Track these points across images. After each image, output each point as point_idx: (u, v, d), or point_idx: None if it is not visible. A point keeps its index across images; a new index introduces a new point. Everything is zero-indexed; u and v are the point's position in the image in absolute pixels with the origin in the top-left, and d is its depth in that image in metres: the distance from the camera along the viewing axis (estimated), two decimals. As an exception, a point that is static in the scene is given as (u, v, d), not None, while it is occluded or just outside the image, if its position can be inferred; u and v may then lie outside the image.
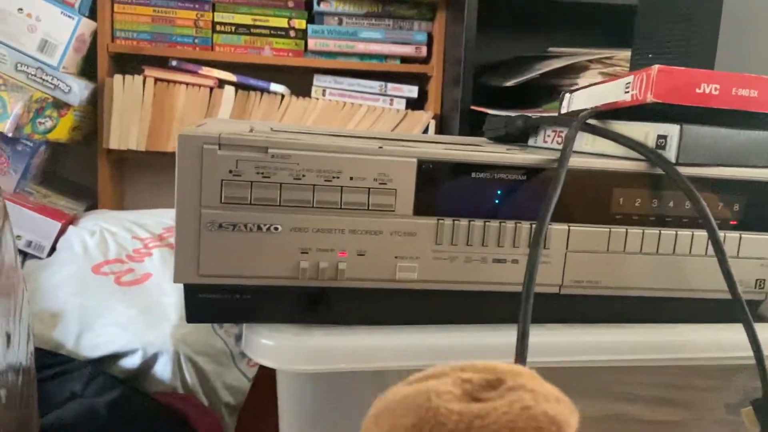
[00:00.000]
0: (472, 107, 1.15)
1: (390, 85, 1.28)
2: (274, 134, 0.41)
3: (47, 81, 0.90)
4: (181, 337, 0.80)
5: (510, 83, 1.15)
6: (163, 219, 0.98)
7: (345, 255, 0.39)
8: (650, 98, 0.41)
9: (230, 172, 0.37)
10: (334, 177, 0.38)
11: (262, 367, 0.90)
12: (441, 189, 0.39)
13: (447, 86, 1.27)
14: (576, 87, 0.52)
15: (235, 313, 0.40)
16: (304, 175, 0.38)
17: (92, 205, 1.09)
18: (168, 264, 0.88)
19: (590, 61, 1.12)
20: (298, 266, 0.39)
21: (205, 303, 0.40)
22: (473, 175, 0.39)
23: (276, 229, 0.38)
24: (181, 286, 0.92)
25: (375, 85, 1.28)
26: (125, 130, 1.03)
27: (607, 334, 0.42)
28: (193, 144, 0.37)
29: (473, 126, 1.15)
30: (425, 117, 1.29)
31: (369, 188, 0.39)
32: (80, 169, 1.15)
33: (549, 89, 1.18)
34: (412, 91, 1.29)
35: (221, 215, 0.38)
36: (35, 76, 0.89)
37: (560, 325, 0.42)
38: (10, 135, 0.87)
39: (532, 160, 0.39)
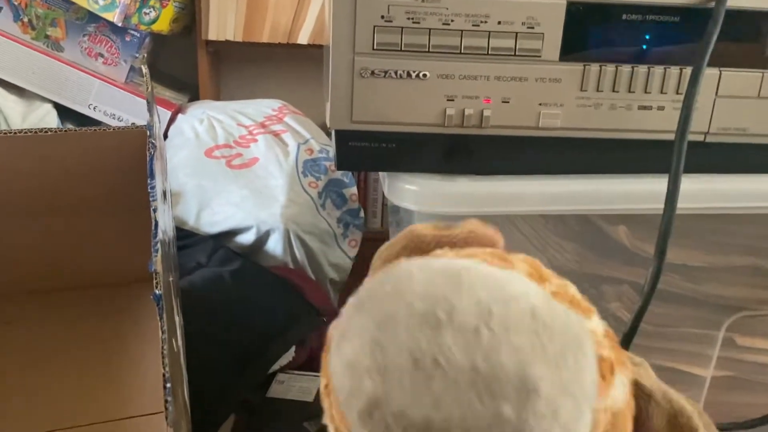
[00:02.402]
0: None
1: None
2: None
3: (147, -29, 0.92)
4: (290, 216, 0.84)
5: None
6: (262, 108, 1.01)
7: (489, 102, 0.40)
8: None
9: (382, 17, 0.38)
10: (482, 21, 0.38)
11: (360, 250, 0.95)
12: (589, 33, 0.39)
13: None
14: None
15: (382, 162, 0.42)
16: (452, 20, 0.38)
17: (193, 98, 1.13)
18: (273, 149, 0.91)
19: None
20: (444, 113, 0.40)
21: (355, 150, 0.42)
22: (624, 17, 0.39)
23: (424, 76, 0.39)
24: (285, 169, 0.95)
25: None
26: (222, 20, 1.05)
27: (750, 182, 0.42)
28: (347, -11, 0.37)
29: None
30: None
31: (516, 32, 0.39)
32: (178, 63, 1.19)
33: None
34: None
35: (373, 62, 0.39)
36: (136, -34, 0.91)
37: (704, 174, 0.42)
38: (120, 24, 0.90)
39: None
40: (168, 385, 0.35)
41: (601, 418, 0.23)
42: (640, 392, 0.27)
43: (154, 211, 0.44)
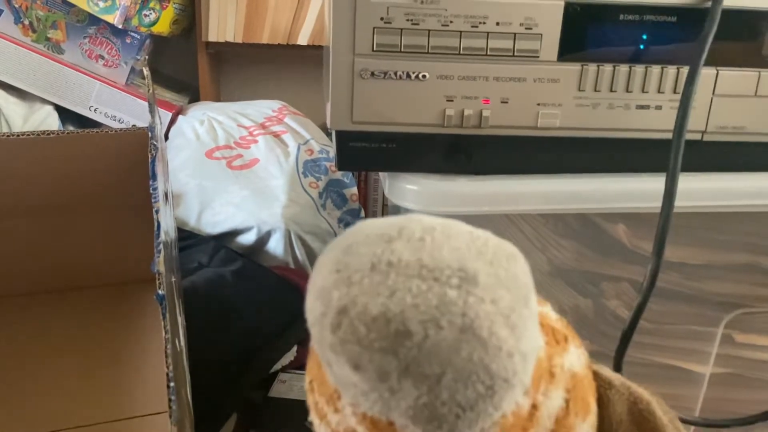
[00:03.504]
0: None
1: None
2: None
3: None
4: (291, 217, 0.85)
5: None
6: (262, 109, 1.01)
7: (488, 102, 0.40)
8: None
9: (381, 19, 0.38)
10: (480, 22, 0.39)
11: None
12: (587, 33, 0.39)
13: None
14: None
15: (382, 162, 0.43)
16: (451, 21, 0.39)
17: (194, 99, 1.13)
18: (273, 150, 0.91)
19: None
20: (444, 113, 0.40)
21: (355, 151, 0.42)
22: (621, 17, 0.39)
23: (424, 76, 0.40)
24: (286, 170, 0.95)
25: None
26: (222, 22, 1.05)
27: (748, 180, 0.42)
28: (346, -9, 0.38)
29: None
30: None
31: (515, 33, 0.39)
32: (178, 65, 1.19)
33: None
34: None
35: (373, 63, 0.39)
36: (136, -32, 0.91)
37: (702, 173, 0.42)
38: (120, 26, 0.90)
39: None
40: (171, 384, 0.35)
41: (559, 372, 0.26)
42: (600, 380, 0.29)
43: (157, 212, 0.44)
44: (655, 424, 0.29)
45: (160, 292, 0.39)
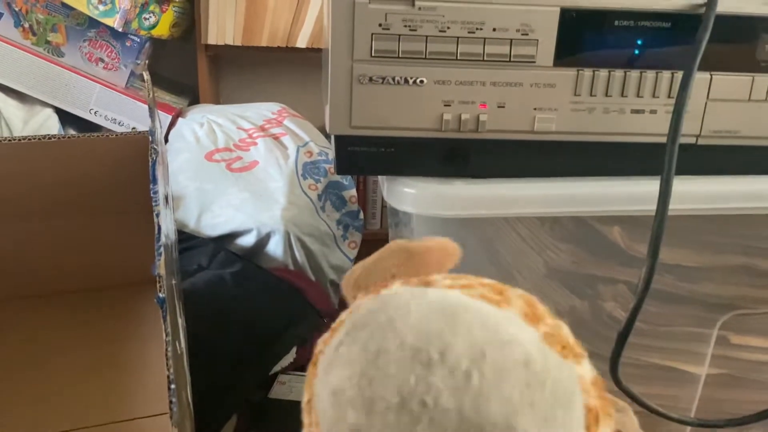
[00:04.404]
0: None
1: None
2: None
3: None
4: (290, 219, 0.85)
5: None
6: (262, 111, 1.01)
7: (485, 107, 0.41)
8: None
9: (380, 25, 0.39)
10: (477, 28, 0.39)
11: (360, 252, 0.95)
12: (582, 39, 0.40)
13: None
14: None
15: (381, 166, 0.43)
16: (448, 27, 0.39)
17: (193, 101, 1.14)
18: (272, 152, 0.92)
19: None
20: (441, 118, 0.41)
21: (354, 155, 0.42)
22: (616, 23, 0.39)
23: (421, 82, 0.40)
24: (285, 172, 0.96)
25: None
26: (221, 25, 1.06)
27: (742, 183, 0.43)
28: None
29: None
30: None
31: (511, 39, 0.40)
32: (178, 67, 1.20)
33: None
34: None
35: (371, 69, 0.40)
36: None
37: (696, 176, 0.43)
38: (120, 29, 0.91)
39: (680, 5, 0.39)
40: (172, 386, 0.36)
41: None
42: None
43: (157, 215, 0.45)
44: None
45: (160, 295, 0.40)
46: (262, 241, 0.84)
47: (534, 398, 0.20)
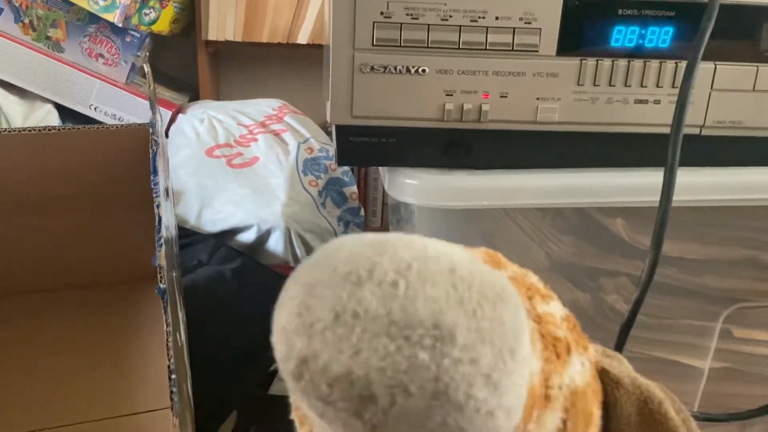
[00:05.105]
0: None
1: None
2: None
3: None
4: (291, 215, 0.85)
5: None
6: (262, 107, 1.01)
7: (488, 97, 0.41)
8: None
9: (381, 13, 0.39)
10: (479, 17, 0.39)
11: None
12: (586, 28, 0.39)
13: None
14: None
15: (382, 156, 0.43)
16: (451, 16, 0.39)
17: (193, 98, 1.14)
18: (273, 149, 0.92)
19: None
20: (443, 108, 0.41)
21: (355, 146, 0.42)
22: (620, 11, 0.39)
23: (423, 71, 0.40)
24: (285, 168, 0.95)
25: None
26: (222, 21, 1.05)
27: (746, 174, 0.42)
28: (346, -14, 0.38)
29: None
30: None
31: (514, 28, 0.39)
32: (178, 63, 1.19)
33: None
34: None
35: (373, 58, 0.39)
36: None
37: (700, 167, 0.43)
38: (120, 25, 0.91)
39: (683, -6, 0.39)
40: (173, 377, 0.36)
41: (556, 394, 0.24)
42: (608, 380, 0.27)
43: (158, 207, 0.44)
44: (667, 426, 0.26)
45: (161, 285, 0.39)
46: (263, 238, 0.84)
47: (461, 297, 0.21)
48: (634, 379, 0.27)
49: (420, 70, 0.40)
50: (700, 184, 0.42)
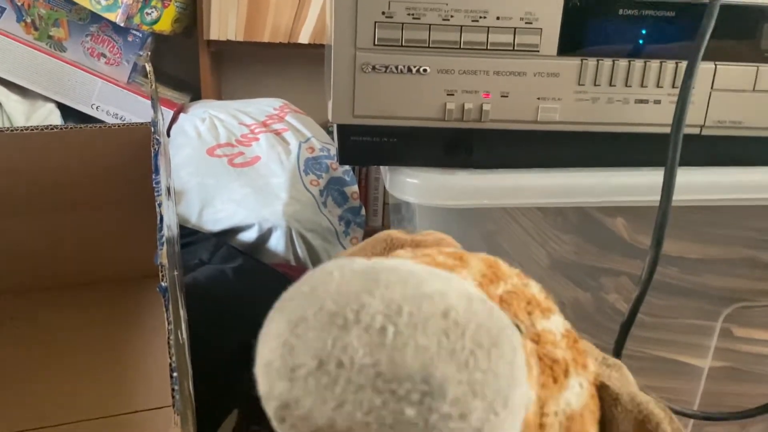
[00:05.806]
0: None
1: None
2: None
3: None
4: (292, 214, 0.85)
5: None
6: (263, 107, 1.01)
7: (489, 97, 0.41)
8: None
9: (383, 13, 0.39)
10: (481, 17, 0.39)
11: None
12: (586, 28, 0.40)
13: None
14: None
15: (383, 156, 0.43)
16: (452, 16, 0.39)
17: (195, 97, 1.14)
18: (274, 148, 0.92)
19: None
20: (445, 107, 0.41)
21: (356, 145, 0.42)
22: (621, 12, 0.39)
23: (425, 71, 0.40)
24: (287, 167, 0.96)
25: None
26: (224, 20, 1.06)
27: (746, 174, 0.42)
28: (348, -15, 0.38)
29: None
30: None
31: (515, 28, 0.39)
32: (180, 63, 1.20)
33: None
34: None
35: (375, 57, 0.39)
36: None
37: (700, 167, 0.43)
38: (122, 24, 0.91)
39: (683, -5, 0.39)
40: (175, 374, 0.36)
41: (551, 421, 0.23)
42: (606, 396, 0.26)
43: (159, 205, 0.45)
44: None
45: (162, 283, 0.40)
46: (264, 237, 0.84)
47: (454, 346, 0.20)
48: (634, 396, 0.26)
49: (421, 69, 0.40)
50: (700, 184, 0.42)
